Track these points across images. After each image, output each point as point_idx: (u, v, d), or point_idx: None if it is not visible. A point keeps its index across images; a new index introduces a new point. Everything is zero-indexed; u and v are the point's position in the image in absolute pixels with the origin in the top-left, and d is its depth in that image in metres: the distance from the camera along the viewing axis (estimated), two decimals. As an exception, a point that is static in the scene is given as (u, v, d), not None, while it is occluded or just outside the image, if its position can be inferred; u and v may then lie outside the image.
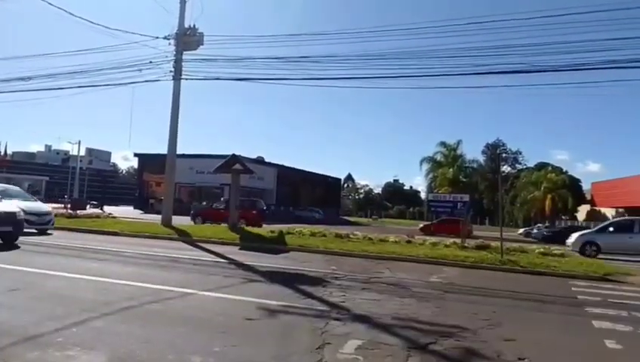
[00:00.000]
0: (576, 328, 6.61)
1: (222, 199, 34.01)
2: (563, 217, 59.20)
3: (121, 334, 4.96)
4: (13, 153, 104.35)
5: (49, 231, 16.15)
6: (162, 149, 22.77)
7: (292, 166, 58.94)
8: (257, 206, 30.21)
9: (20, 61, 49.48)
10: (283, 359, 4.43)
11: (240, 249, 14.82)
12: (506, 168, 78.68)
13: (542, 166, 67.33)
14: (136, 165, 66.57)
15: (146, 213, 37.95)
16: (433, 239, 18.31)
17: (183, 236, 17.14)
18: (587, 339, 5.97)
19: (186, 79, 20.97)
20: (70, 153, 70.54)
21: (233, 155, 21.95)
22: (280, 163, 57.20)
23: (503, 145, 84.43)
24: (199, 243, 15.53)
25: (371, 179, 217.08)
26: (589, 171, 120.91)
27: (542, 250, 16.45)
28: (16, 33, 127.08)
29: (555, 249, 16.86)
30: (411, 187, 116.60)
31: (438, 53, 16.66)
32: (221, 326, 5.51)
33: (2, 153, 54.81)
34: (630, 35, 14.16)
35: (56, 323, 5.14)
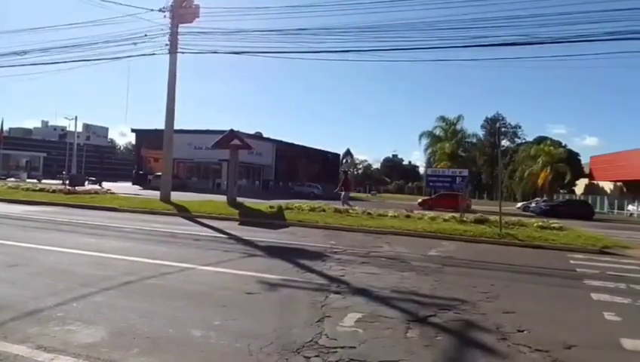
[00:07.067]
0: (575, 300, 6.64)
1: None
2: (561, 191, 59.36)
3: (121, 308, 4.96)
4: (10, 129, 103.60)
5: None
6: (160, 125, 22.55)
7: (291, 141, 58.57)
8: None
9: (14, 35, 48.54)
10: (284, 332, 4.44)
11: (239, 224, 14.84)
12: (505, 142, 78.78)
13: (541, 140, 67.10)
14: (133, 141, 66.14)
15: (144, 188, 37.82)
16: (432, 213, 18.33)
17: (182, 211, 17.14)
18: (586, 311, 6.00)
19: (182, 52, 20.60)
20: (67, 129, 70.04)
21: (231, 131, 21.76)
22: (278, 138, 56.83)
23: (503, 119, 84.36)
24: (198, 219, 15.54)
25: (370, 154, 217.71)
26: (585, 145, 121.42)
27: (540, 223, 16.50)
28: (6, 6, 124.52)
29: (554, 222, 16.91)
30: (410, 162, 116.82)
31: (437, 25, 16.44)
32: (221, 300, 5.52)
33: (-1, 129, 54.38)
34: (631, 6, 13.93)
35: (56, 298, 5.15)
